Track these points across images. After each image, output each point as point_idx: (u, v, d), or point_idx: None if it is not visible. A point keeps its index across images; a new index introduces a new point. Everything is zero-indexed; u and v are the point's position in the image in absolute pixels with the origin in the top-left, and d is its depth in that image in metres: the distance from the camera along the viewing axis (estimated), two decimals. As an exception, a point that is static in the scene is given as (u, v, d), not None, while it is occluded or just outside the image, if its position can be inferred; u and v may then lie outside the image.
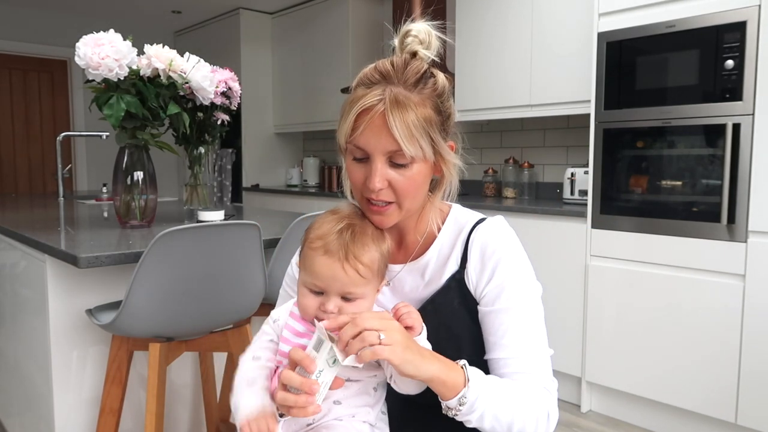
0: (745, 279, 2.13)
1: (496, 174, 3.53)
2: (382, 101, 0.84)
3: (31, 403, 1.86)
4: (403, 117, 0.83)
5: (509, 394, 0.84)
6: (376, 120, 0.84)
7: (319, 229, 0.87)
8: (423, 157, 0.87)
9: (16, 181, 5.02)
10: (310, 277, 0.86)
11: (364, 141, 0.85)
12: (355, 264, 0.84)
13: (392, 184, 0.86)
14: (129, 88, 1.73)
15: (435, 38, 0.90)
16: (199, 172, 2.12)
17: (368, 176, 0.86)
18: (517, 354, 0.88)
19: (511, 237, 0.94)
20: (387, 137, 0.84)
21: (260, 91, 4.91)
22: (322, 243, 0.85)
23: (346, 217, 0.89)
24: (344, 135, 0.87)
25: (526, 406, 0.85)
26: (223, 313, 1.54)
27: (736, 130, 2.12)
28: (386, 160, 0.86)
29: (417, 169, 0.87)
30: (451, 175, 0.93)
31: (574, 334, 2.65)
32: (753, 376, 2.13)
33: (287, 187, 4.76)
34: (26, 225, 1.95)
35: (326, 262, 0.85)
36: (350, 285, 0.85)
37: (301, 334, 0.88)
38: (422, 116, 0.85)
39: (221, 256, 1.46)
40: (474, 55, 3.30)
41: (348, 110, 0.86)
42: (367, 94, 0.85)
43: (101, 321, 1.46)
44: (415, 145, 0.84)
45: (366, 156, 0.87)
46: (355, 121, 0.85)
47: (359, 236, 0.87)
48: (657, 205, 2.36)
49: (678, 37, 2.26)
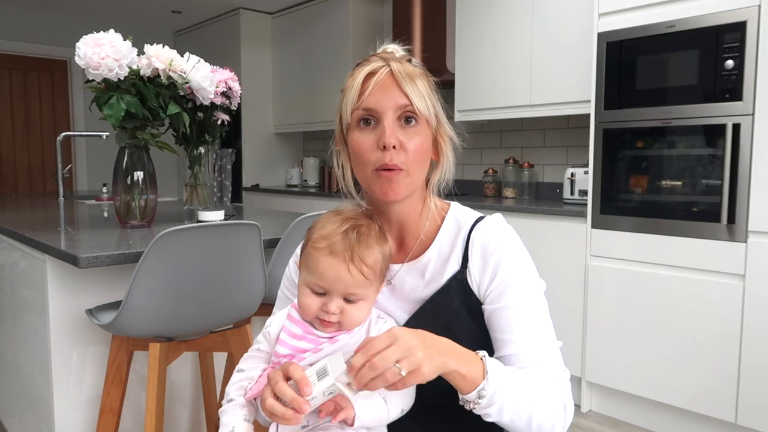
0: (745, 279, 2.13)
1: (496, 174, 3.53)
2: (386, 66, 0.89)
3: (31, 403, 1.86)
4: (412, 78, 0.88)
5: (528, 386, 0.83)
6: (385, 79, 0.88)
7: (323, 229, 0.87)
8: (429, 115, 0.90)
9: (16, 181, 5.02)
10: (313, 278, 0.86)
11: (374, 101, 0.87)
12: (360, 265, 0.84)
13: (403, 144, 0.87)
14: (129, 88, 1.73)
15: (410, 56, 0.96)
16: (199, 172, 2.12)
17: (379, 137, 0.87)
18: (527, 348, 0.88)
19: (510, 234, 0.94)
20: (396, 92, 0.87)
21: (260, 91, 4.91)
22: (327, 243, 0.85)
23: (351, 218, 0.89)
24: (351, 104, 0.89)
25: (544, 398, 0.84)
26: (223, 313, 1.54)
27: (736, 130, 2.12)
28: (395, 118, 0.88)
29: (423, 132, 0.90)
30: (448, 159, 0.95)
31: (574, 334, 2.65)
32: (753, 376, 2.13)
33: (287, 187, 4.76)
34: (26, 225, 1.95)
35: (331, 262, 0.84)
36: (354, 286, 0.85)
37: (299, 337, 0.88)
38: (426, 84, 0.91)
39: (221, 256, 1.46)
40: (474, 55, 3.30)
41: (351, 82, 0.90)
42: (369, 64, 0.90)
43: (101, 321, 1.46)
44: (424, 101, 0.89)
45: (375, 118, 0.88)
46: (362, 85, 0.88)
47: (364, 237, 0.87)
48: (657, 205, 2.36)
49: (678, 37, 2.26)
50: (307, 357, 0.86)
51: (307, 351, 0.86)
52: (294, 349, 0.87)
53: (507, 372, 0.82)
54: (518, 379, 0.83)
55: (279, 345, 0.88)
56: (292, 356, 0.87)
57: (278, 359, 0.87)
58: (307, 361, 0.85)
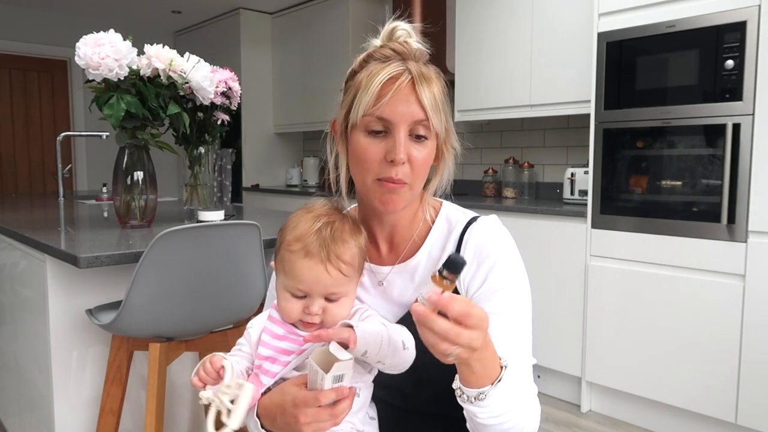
0: (745, 279, 2.13)
1: (496, 174, 3.53)
2: (407, 71, 0.84)
3: (31, 403, 1.86)
4: (430, 87, 0.85)
5: (520, 402, 0.80)
6: (404, 89, 0.83)
7: (296, 230, 0.84)
8: (442, 131, 0.87)
9: (16, 181, 5.02)
10: (292, 281, 0.84)
11: (390, 111, 0.83)
12: (338, 264, 0.83)
13: (410, 157, 0.85)
14: (129, 88, 1.73)
15: (416, 37, 0.91)
16: (199, 172, 2.12)
17: (389, 150, 0.84)
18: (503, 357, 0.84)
19: (506, 238, 0.92)
20: (415, 106, 0.83)
21: (260, 91, 4.91)
22: (302, 245, 0.83)
23: (322, 215, 0.86)
24: (365, 107, 0.84)
25: (528, 417, 0.81)
26: (223, 313, 1.54)
27: (736, 130, 2.12)
28: (408, 132, 0.84)
29: (431, 146, 0.87)
30: (448, 167, 0.93)
31: (574, 334, 2.65)
32: (753, 376, 2.13)
33: (287, 187, 4.76)
34: (26, 225, 1.95)
35: (308, 264, 0.82)
36: (334, 286, 0.83)
37: (281, 337, 0.86)
38: (441, 91, 0.87)
39: (221, 256, 1.46)
40: (474, 55, 3.30)
41: (368, 82, 0.84)
42: (388, 65, 0.85)
43: (101, 321, 1.46)
44: (439, 116, 0.85)
45: (386, 129, 0.84)
46: (380, 90, 0.83)
47: (338, 233, 0.84)
48: (657, 205, 2.36)
49: (678, 37, 2.26)
50: (293, 360, 0.85)
51: (291, 353, 0.85)
52: (276, 350, 0.86)
53: (512, 385, 0.77)
54: (516, 394, 0.79)
55: (261, 346, 0.86)
56: (274, 359, 0.85)
57: (260, 361, 0.86)
58: (292, 365, 0.84)
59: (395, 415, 0.94)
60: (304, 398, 0.77)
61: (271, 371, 0.85)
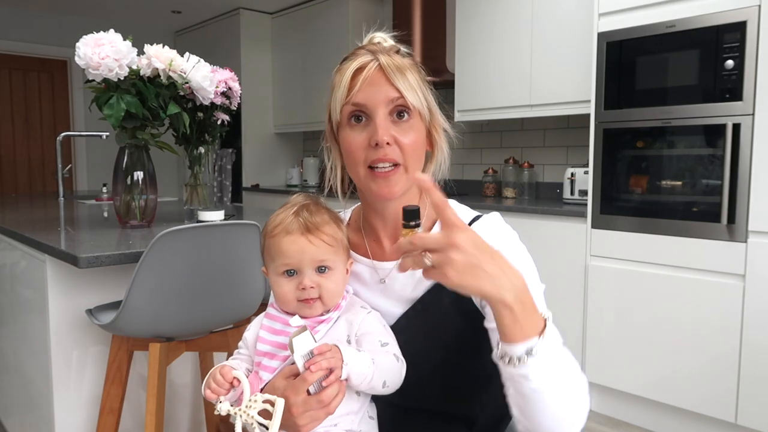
0: (745, 279, 2.13)
1: (496, 174, 3.52)
2: (375, 60, 0.87)
3: (31, 403, 1.86)
4: (401, 70, 0.87)
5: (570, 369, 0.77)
6: (374, 74, 0.86)
7: (275, 220, 0.89)
8: (422, 107, 0.88)
9: (16, 181, 5.03)
10: (280, 259, 0.87)
11: (364, 96, 0.86)
12: (318, 233, 0.86)
13: (397, 140, 0.86)
14: (129, 88, 1.73)
15: (392, 42, 0.94)
16: (199, 172, 2.12)
17: (371, 135, 0.86)
18: None
19: (509, 234, 0.92)
20: (386, 86, 0.85)
21: (260, 91, 4.91)
22: (282, 227, 0.87)
23: (299, 203, 0.91)
24: (340, 100, 0.87)
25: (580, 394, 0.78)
26: (223, 313, 1.54)
27: (736, 130, 2.12)
28: (387, 113, 0.86)
29: (416, 126, 0.88)
30: (443, 151, 0.94)
31: (574, 334, 2.65)
32: (753, 376, 2.13)
33: (287, 187, 4.76)
34: (26, 225, 1.95)
35: (290, 239, 0.86)
36: (320, 254, 0.86)
37: (277, 332, 0.89)
38: (416, 75, 0.89)
39: (221, 256, 1.46)
40: (474, 55, 3.30)
41: (340, 78, 0.88)
42: (357, 59, 0.88)
43: (101, 321, 1.46)
44: (415, 94, 0.87)
45: (365, 115, 0.87)
46: (350, 81, 0.86)
47: (315, 210, 0.89)
48: (657, 205, 2.36)
49: (678, 37, 2.26)
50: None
51: (287, 347, 0.86)
52: (274, 344, 0.88)
53: (558, 343, 0.75)
54: (563, 355, 0.77)
55: (259, 342, 0.89)
56: (272, 354, 0.87)
57: (259, 357, 0.88)
58: (290, 360, 0.85)
59: (395, 414, 0.93)
60: (293, 386, 0.79)
61: (270, 367, 0.87)
